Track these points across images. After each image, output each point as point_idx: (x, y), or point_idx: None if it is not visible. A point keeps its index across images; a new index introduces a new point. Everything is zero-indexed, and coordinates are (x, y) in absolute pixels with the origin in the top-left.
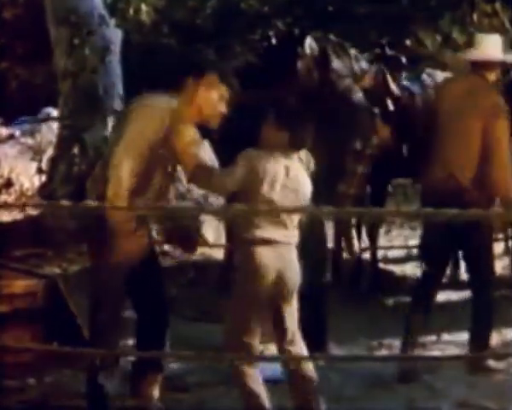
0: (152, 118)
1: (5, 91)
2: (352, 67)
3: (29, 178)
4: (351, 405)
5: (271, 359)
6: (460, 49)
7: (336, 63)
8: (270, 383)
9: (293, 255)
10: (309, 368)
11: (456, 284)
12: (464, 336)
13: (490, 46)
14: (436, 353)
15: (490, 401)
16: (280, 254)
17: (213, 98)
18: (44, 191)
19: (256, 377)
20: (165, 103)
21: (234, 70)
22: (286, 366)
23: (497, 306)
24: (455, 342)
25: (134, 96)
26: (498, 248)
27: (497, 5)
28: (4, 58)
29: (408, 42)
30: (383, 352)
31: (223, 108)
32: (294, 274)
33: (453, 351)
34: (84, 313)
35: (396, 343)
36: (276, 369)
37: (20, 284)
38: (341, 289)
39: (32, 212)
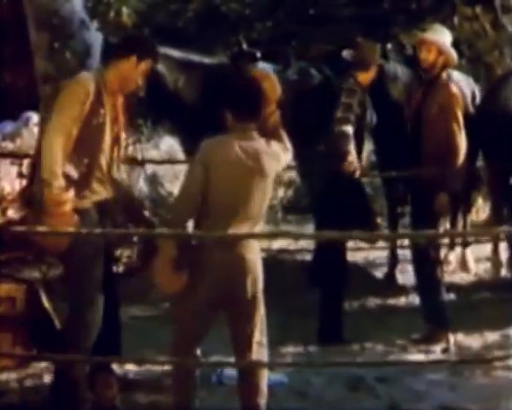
0: (74, 91)
1: None
2: None
3: (10, 182)
4: (333, 408)
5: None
6: None
7: None
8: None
9: (252, 255)
10: (262, 380)
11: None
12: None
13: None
14: (418, 356)
15: (471, 404)
16: (236, 254)
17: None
18: (25, 195)
19: (188, 381)
20: (89, 76)
21: None
22: (240, 371)
23: (479, 309)
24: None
25: None
26: (485, 250)
27: (478, 9)
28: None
29: (389, 45)
30: (365, 356)
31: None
32: (253, 276)
33: (436, 354)
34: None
35: (378, 347)
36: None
37: (4, 288)
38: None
39: (14, 215)
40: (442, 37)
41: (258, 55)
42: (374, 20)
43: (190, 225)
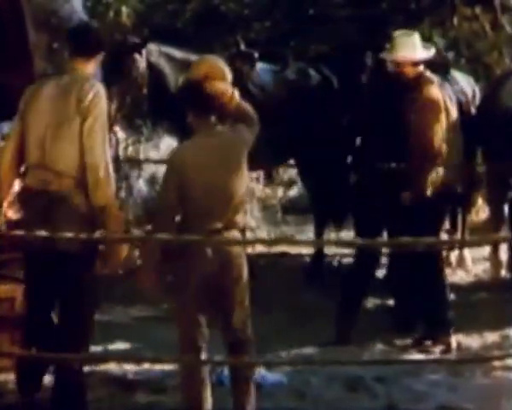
0: (105, 109)
1: None
2: None
3: None
4: (331, 408)
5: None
6: (440, 52)
7: None
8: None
9: (236, 248)
10: (252, 380)
11: None
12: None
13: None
14: (418, 356)
15: (470, 404)
16: (221, 248)
17: None
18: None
19: (199, 378)
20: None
21: None
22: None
23: (479, 309)
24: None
25: None
26: (484, 251)
27: (478, 9)
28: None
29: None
30: (364, 356)
31: None
32: (238, 268)
33: (435, 355)
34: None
35: (378, 346)
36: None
37: (2, 289)
38: (323, 291)
39: (13, 216)
40: (411, 49)
41: (256, 55)
42: (372, 20)
43: None
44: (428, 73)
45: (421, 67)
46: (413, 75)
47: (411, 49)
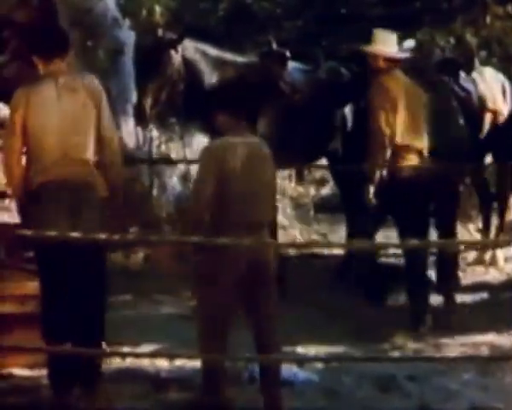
0: None
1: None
2: None
3: None
4: (363, 407)
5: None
6: (472, 51)
7: None
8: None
9: (265, 237)
10: (279, 367)
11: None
12: (478, 338)
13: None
14: (450, 354)
15: (502, 404)
16: (251, 237)
17: None
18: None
19: (218, 376)
20: None
21: None
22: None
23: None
24: (467, 343)
25: None
26: None
27: (510, 7)
28: (16, 59)
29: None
30: (396, 353)
31: None
32: (266, 258)
33: (468, 354)
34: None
35: (409, 345)
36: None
37: (31, 286)
38: (353, 287)
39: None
40: (387, 46)
41: (288, 54)
42: (404, 18)
43: None
44: (398, 71)
45: (392, 65)
46: (382, 69)
47: (387, 45)
